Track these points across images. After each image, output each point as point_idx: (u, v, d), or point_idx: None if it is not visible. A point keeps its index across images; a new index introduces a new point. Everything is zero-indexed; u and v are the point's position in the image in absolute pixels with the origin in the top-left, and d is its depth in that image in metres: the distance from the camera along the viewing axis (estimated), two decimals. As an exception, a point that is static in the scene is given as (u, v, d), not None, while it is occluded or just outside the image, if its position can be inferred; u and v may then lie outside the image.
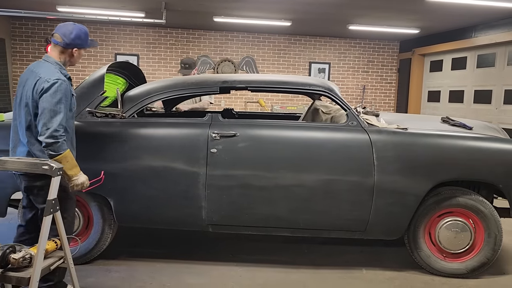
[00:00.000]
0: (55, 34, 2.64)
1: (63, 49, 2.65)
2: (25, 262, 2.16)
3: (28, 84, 2.55)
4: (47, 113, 2.45)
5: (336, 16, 7.77)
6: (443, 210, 3.29)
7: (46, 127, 2.43)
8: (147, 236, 4.06)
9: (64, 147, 2.48)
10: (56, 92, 2.47)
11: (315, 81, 3.53)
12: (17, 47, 9.30)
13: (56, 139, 2.44)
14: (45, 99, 2.46)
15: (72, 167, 2.55)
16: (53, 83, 2.48)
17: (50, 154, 2.45)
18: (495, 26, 7.52)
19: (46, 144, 2.44)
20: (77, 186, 2.60)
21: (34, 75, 2.55)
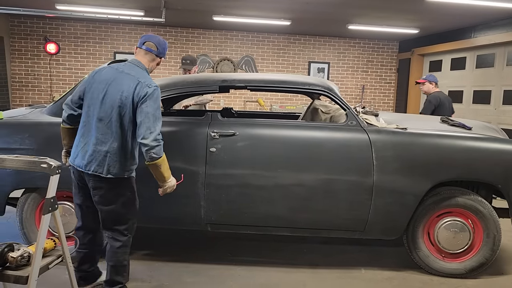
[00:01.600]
0: (148, 42, 2.73)
1: (155, 57, 2.76)
2: (23, 260, 2.15)
3: (120, 84, 2.57)
4: (151, 118, 2.52)
5: (336, 16, 7.77)
6: (442, 210, 3.29)
7: (150, 131, 2.51)
8: (146, 235, 4.06)
9: (162, 150, 2.59)
10: (157, 98, 2.58)
11: (314, 81, 3.53)
12: (16, 45, 9.28)
13: (159, 143, 2.54)
14: (149, 105, 2.53)
15: (167, 169, 2.67)
16: (155, 89, 2.58)
17: (152, 156, 2.53)
18: (494, 27, 7.53)
19: (150, 147, 2.51)
20: (170, 188, 2.73)
21: (130, 77, 2.59)
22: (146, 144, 2.50)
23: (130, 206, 2.73)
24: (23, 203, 3.31)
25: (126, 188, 2.68)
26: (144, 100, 2.53)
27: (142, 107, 2.52)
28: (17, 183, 3.24)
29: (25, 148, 3.17)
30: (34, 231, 3.28)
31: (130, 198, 2.72)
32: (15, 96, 9.40)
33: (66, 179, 2.98)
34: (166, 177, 2.67)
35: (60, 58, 9.45)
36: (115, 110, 2.55)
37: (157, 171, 2.62)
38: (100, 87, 2.60)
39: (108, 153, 2.57)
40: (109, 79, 2.60)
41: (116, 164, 2.58)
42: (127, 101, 2.54)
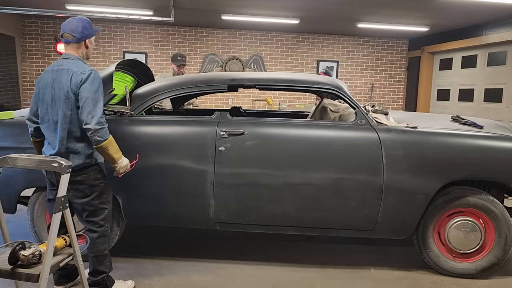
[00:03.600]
0: (64, 34, 2.71)
1: (78, 44, 2.72)
2: (34, 258, 2.17)
3: (59, 82, 2.60)
4: (90, 102, 2.53)
5: (345, 14, 7.73)
6: (453, 209, 3.25)
7: (92, 115, 2.52)
8: (155, 234, 4.08)
9: (108, 132, 2.59)
10: (93, 81, 2.58)
11: (323, 79, 3.51)
12: (26, 45, 9.38)
13: (102, 125, 2.54)
14: (86, 89, 2.55)
15: (116, 151, 2.67)
16: (89, 73, 2.59)
17: (97, 140, 2.53)
18: (506, 24, 7.43)
19: (94, 131, 2.51)
20: (122, 169, 2.73)
21: (65, 72, 2.61)
22: (89, 128, 2.51)
23: (102, 195, 2.77)
24: (34, 201, 3.34)
25: (94, 177, 2.71)
26: (80, 86, 2.56)
27: (80, 93, 2.55)
28: (28, 182, 3.27)
29: (36, 147, 3.19)
30: (45, 229, 3.31)
31: (101, 187, 2.75)
32: (26, 95, 9.50)
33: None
34: (116, 158, 2.66)
35: (70, 58, 9.52)
36: (65, 106, 2.59)
37: (105, 153, 2.61)
38: (46, 92, 2.65)
39: (69, 149, 2.63)
40: (47, 83, 2.65)
41: (79, 155, 2.64)
42: (69, 94, 2.58)
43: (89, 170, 2.69)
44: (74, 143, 2.63)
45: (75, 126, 2.61)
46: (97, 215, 2.75)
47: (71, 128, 2.61)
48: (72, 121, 2.60)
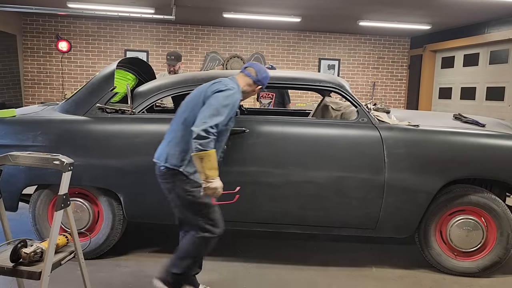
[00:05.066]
0: (249, 68, 2.80)
1: (252, 83, 2.79)
2: (36, 256, 2.17)
3: (201, 89, 2.67)
4: (212, 110, 2.48)
5: (346, 12, 7.71)
6: (454, 208, 3.25)
7: (204, 121, 2.45)
8: (157, 232, 4.08)
9: (212, 145, 2.45)
10: (228, 97, 2.54)
11: (325, 77, 3.50)
12: (28, 43, 9.38)
13: (208, 134, 2.42)
14: (216, 97, 2.52)
15: (212, 168, 2.47)
16: (230, 88, 2.58)
17: (197, 147, 2.43)
18: (508, 22, 7.40)
19: (198, 136, 2.42)
20: (210, 190, 2.50)
21: (213, 80, 2.70)
22: (194, 131, 2.43)
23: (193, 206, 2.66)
24: (35, 199, 3.35)
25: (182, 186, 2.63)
26: (213, 93, 2.55)
27: (210, 99, 2.54)
28: (30, 180, 3.28)
29: (37, 145, 3.20)
30: (47, 227, 3.31)
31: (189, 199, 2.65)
32: (28, 93, 9.51)
33: (78, 175, 3.01)
34: (208, 175, 2.46)
35: (71, 56, 9.54)
36: (188, 106, 2.63)
37: (199, 164, 2.45)
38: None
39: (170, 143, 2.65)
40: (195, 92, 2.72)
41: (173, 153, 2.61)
42: (200, 95, 2.61)
43: (178, 175, 2.60)
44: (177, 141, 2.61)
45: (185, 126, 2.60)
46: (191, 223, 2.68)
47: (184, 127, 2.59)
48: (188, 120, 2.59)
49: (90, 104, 3.35)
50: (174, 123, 2.71)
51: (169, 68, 5.32)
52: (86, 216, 3.32)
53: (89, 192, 3.35)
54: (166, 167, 2.60)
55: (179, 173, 2.58)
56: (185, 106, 2.69)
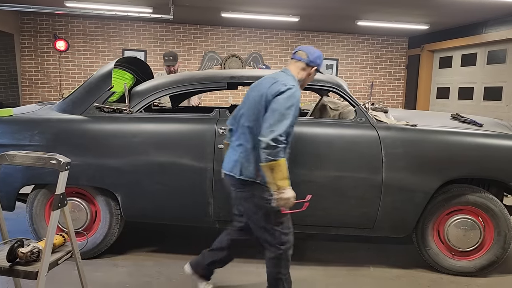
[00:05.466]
0: (298, 52, 2.64)
1: (305, 66, 2.62)
2: (33, 256, 2.16)
3: (259, 86, 2.54)
4: (277, 115, 2.36)
5: (345, 12, 7.72)
6: (452, 207, 3.25)
7: (271, 129, 2.33)
8: (154, 232, 4.07)
9: (282, 154, 2.34)
10: (290, 97, 2.41)
11: (323, 77, 3.50)
12: (25, 42, 9.35)
13: (277, 144, 2.31)
14: (278, 101, 2.39)
15: (283, 178, 2.37)
16: (289, 88, 2.43)
17: (266, 157, 2.32)
18: (506, 22, 7.42)
19: (266, 146, 2.31)
20: (282, 201, 2.40)
21: (270, 79, 2.53)
22: (262, 141, 2.33)
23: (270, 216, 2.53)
24: (32, 199, 3.34)
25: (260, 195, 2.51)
26: (275, 96, 2.41)
27: (272, 104, 2.41)
28: (27, 179, 3.27)
29: (34, 144, 3.19)
30: (44, 227, 3.30)
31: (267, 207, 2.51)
32: (25, 93, 9.48)
33: (75, 175, 3.00)
34: (279, 186, 2.36)
35: (69, 55, 9.51)
36: (251, 111, 2.50)
37: (270, 175, 2.36)
38: (246, 95, 2.62)
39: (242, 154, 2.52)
40: (253, 87, 2.60)
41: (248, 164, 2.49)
42: (261, 100, 2.46)
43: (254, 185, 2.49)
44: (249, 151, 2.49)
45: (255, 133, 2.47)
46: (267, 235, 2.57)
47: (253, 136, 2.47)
48: (256, 129, 2.46)
49: (88, 104, 3.34)
50: (239, 131, 2.57)
51: (168, 69, 5.25)
52: (84, 216, 3.31)
53: (86, 192, 3.34)
54: (241, 179, 2.50)
55: (257, 183, 2.48)
56: (247, 113, 2.53)
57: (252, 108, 2.51)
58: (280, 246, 2.55)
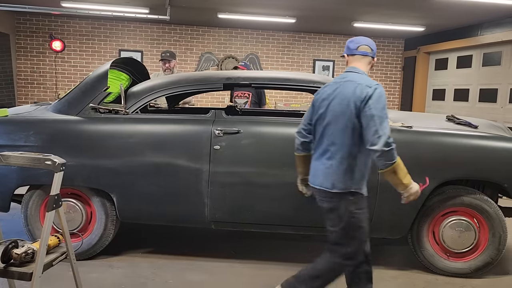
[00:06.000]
0: (362, 46, 2.54)
1: (371, 59, 2.57)
2: (27, 257, 2.15)
3: (341, 94, 2.41)
4: (377, 120, 2.29)
5: (341, 13, 7.74)
6: (447, 209, 3.26)
7: (378, 135, 2.28)
8: (150, 233, 4.06)
9: (396, 154, 2.33)
10: (380, 98, 2.35)
11: (319, 78, 3.51)
12: (21, 43, 9.31)
13: (390, 147, 2.29)
14: (372, 106, 2.31)
15: (405, 175, 2.38)
16: (375, 88, 2.37)
17: (385, 164, 2.31)
18: (501, 24, 7.46)
19: (381, 154, 2.28)
20: (412, 196, 2.44)
21: (349, 84, 2.42)
22: (376, 150, 2.28)
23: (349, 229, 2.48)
24: (27, 200, 3.33)
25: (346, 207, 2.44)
26: (366, 102, 2.32)
27: (365, 110, 2.32)
28: (22, 180, 3.25)
29: (30, 145, 3.18)
30: (39, 228, 3.29)
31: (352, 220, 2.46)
32: (21, 93, 9.44)
33: (70, 176, 2.99)
34: (406, 183, 2.38)
35: (65, 56, 9.48)
36: (338, 120, 2.39)
37: (393, 178, 2.36)
38: (323, 104, 2.48)
39: (332, 166, 2.42)
40: (330, 94, 2.47)
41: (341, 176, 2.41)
42: (348, 108, 2.37)
43: (347, 196, 2.42)
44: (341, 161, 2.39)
45: (348, 144, 2.38)
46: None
47: (343, 146, 2.39)
48: (346, 138, 2.38)
49: (83, 104, 3.33)
50: (325, 143, 2.45)
51: (164, 65, 5.26)
52: (79, 217, 3.30)
53: (82, 193, 3.33)
54: (333, 193, 2.43)
55: (348, 194, 2.42)
56: (334, 124, 2.41)
57: (339, 118, 2.40)
58: (345, 261, 2.51)
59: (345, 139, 2.39)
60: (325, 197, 2.47)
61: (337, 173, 2.40)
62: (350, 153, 2.39)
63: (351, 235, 2.47)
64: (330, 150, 2.42)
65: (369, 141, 2.31)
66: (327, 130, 2.44)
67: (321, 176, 2.46)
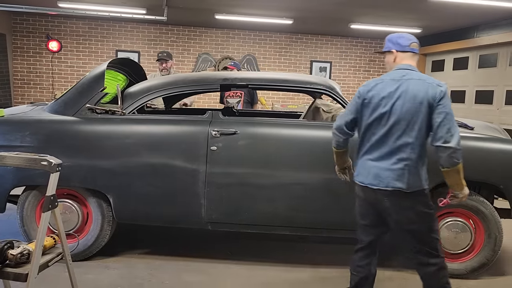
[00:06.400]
0: (414, 43, 2.58)
1: (416, 56, 2.60)
2: (23, 258, 2.15)
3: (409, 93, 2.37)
4: (450, 118, 2.32)
5: (338, 15, 7.75)
6: (443, 210, 3.27)
7: (451, 133, 2.30)
8: (146, 233, 4.06)
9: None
10: (449, 96, 2.39)
11: (316, 80, 3.51)
12: (18, 43, 9.28)
13: (460, 146, 2.31)
14: (445, 104, 2.34)
15: (463, 176, 2.41)
16: (445, 87, 2.40)
17: (454, 161, 2.31)
18: (497, 26, 7.49)
19: (454, 150, 2.30)
20: (464, 197, 2.47)
21: (420, 83, 2.39)
22: (450, 147, 2.28)
23: (433, 223, 2.48)
24: (23, 200, 3.31)
25: (425, 203, 2.45)
26: (439, 100, 2.34)
27: (439, 108, 2.33)
28: (18, 181, 3.24)
29: (25, 145, 3.17)
30: (35, 228, 3.28)
31: (431, 214, 2.46)
32: (17, 93, 9.41)
33: (67, 176, 2.99)
34: (464, 184, 2.42)
35: (62, 56, 9.46)
36: (410, 119, 2.36)
37: (457, 177, 2.37)
38: (383, 102, 2.41)
39: (407, 166, 2.38)
40: (392, 92, 2.41)
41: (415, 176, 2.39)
42: (421, 106, 2.35)
43: (420, 195, 2.42)
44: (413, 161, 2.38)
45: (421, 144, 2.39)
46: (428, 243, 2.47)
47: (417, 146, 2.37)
48: (420, 138, 2.37)
49: (80, 105, 3.33)
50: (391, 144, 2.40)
51: (161, 65, 5.25)
52: (75, 218, 3.29)
53: (78, 193, 3.32)
54: (408, 193, 2.39)
55: (422, 191, 2.42)
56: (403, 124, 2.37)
57: (411, 117, 2.36)
58: (441, 254, 2.50)
59: (418, 139, 2.37)
60: (395, 197, 2.41)
61: (413, 173, 2.38)
62: (423, 152, 2.41)
63: (432, 228, 2.46)
64: (403, 150, 2.38)
65: (441, 139, 2.30)
66: (394, 129, 2.39)
67: (389, 177, 2.40)
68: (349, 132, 2.60)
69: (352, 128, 2.59)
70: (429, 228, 2.46)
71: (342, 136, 2.62)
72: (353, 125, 2.57)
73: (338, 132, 2.63)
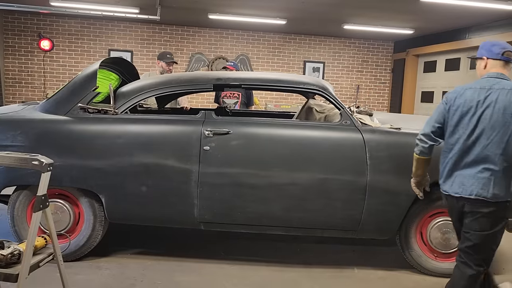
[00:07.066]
0: (508, 52, 2.47)
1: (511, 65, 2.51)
2: (13, 258, 2.13)
3: (500, 102, 2.33)
4: None
5: (331, 15, 7.78)
6: (434, 210, 3.29)
7: None
8: (138, 233, 4.04)
9: None
10: None
11: (309, 80, 3.52)
12: (9, 42, 9.21)
13: None
14: None
15: None
16: None
17: None
18: (489, 28, 7.57)
19: None
20: None
21: (506, 92, 2.34)
22: None
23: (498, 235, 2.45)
24: (14, 200, 3.28)
25: (503, 214, 2.42)
26: None
27: None
28: (9, 180, 3.21)
29: (17, 145, 3.14)
30: (26, 228, 3.25)
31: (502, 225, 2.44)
32: (8, 92, 9.33)
33: (58, 176, 2.96)
34: None
35: (54, 55, 9.39)
36: (499, 130, 2.33)
37: None
38: (471, 111, 2.38)
39: (493, 176, 2.36)
40: (480, 101, 2.37)
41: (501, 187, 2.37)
42: (510, 116, 2.32)
43: (501, 206, 2.39)
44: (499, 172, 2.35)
45: (510, 154, 2.34)
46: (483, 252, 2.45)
47: (506, 156, 2.33)
48: (506, 148, 2.33)
49: (72, 104, 3.30)
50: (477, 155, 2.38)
51: (167, 67, 5.11)
52: (67, 218, 3.27)
53: (69, 193, 3.30)
54: (492, 202, 2.37)
55: (505, 202, 2.40)
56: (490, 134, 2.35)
57: (501, 127, 2.34)
58: (487, 266, 2.49)
59: (507, 149, 2.34)
60: (476, 204, 2.39)
61: (500, 184, 2.36)
62: (510, 163, 2.36)
63: (497, 241, 2.45)
64: (490, 160, 2.36)
65: None
66: (482, 139, 2.36)
67: (473, 185, 2.39)
68: (437, 139, 2.58)
69: (440, 135, 2.57)
70: (494, 239, 2.43)
71: (429, 142, 2.59)
72: (441, 132, 2.55)
73: (426, 139, 2.59)
